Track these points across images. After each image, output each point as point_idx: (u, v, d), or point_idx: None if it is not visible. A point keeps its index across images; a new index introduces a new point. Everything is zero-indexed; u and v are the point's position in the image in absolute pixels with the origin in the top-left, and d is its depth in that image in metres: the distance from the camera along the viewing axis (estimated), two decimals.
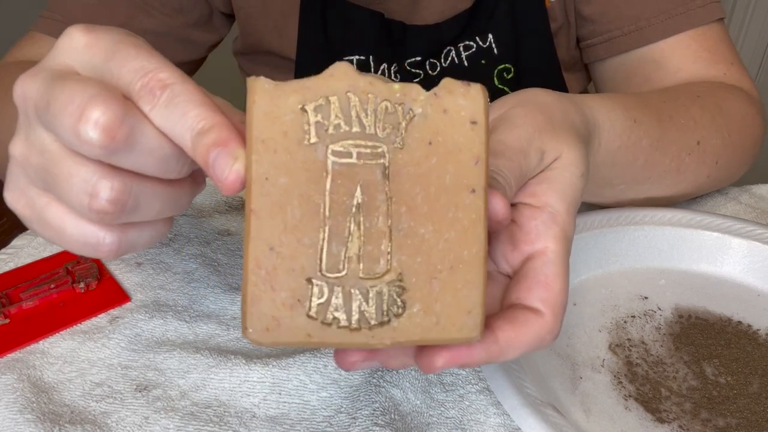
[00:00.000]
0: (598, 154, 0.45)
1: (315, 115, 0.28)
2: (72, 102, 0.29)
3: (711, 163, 0.57)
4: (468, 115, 0.29)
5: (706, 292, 0.52)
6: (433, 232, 0.29)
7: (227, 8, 0.74)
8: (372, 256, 0.29)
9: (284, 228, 0.28)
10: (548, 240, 0.34)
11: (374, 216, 0.29)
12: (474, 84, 0.29)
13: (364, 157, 0.28)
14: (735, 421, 0.42)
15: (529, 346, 0.33)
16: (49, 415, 0.40)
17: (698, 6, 0.63)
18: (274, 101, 0.28)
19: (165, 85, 0.29)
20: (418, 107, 0.28)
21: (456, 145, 0.29)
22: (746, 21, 1.83)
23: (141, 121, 0.30)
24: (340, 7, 0.68)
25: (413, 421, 0.41)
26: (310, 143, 0.28)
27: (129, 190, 0.31)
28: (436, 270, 0.29)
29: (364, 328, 0.29)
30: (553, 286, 0.34)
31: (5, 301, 0.47)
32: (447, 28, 0.69)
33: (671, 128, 0.53)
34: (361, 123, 0.28)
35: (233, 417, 0.40)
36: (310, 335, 0.28)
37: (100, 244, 0.32)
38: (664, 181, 0.55)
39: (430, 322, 0.29)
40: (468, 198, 0.29)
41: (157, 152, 0.30)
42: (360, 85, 0.28)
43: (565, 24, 0.70)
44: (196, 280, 0.51)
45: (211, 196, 0.61)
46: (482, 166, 0.29)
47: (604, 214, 0.55)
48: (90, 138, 0.28)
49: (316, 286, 0.28)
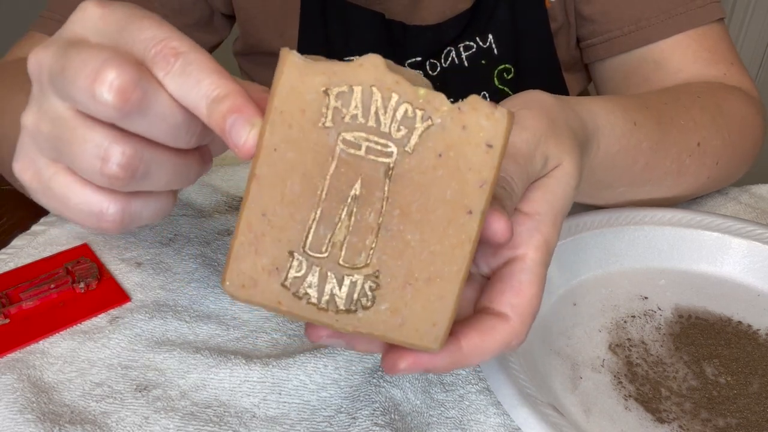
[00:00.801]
0: (597, 157, 0.45)
1: (336, 100, 0.28)
2: (87, 65, 0.29)
3: (711, 165, 0.57)
4: (486, 137, 0.28)
5: (706, 292, 0.52)
6: (420, 241, 0.29)
7: (227, 9, 0.74)
8: (355, 247, 0.29)
9: (281, 200, 0.29)
10: (529, 247, 0.35)
11: (367, 210, 0.29)
12: (501, 108, 0.28)
13: (372, 152, 0.29)
14: (735, 421, 0.42)
15: (495, 351, 0.33)
16: (49, 415, 0.40)
17: (698, 6, 0.63)
18: (300, 77, 0.28)
19: (178, 53, 0.30)
20: (438, 117, 0.28)
21: (466, 164, 0.29)
22: (746, 21, 1.83)
23: (155, 86, 0.30)
24: (340, 7, 0.68)
25: (413, 421, 0.41)
26: (324, 126, 0.28)
27: (140, 156, 0.31)
28: (413, 277, 0.30)
29: (331, 310, 0.30)
30: (526, 292, 0.34)
31: (5, 301, 0.47)
32: (447, 28, 0.69)
33: (671, 130, 0.53)
34: (378, 119, 0.28)
35: (233, 417, 0.40)
36: (280, 302, 0.30)
37: (104, 213, 0.33)
38: (664, 183, 0.55)
39: (394, 322, 0.30)
40: (463, 218, 0.29)
41: (169, 119, 0.31)
42: (386, 81, 0.28)
43: (565, 24, 0.70)
44: (196, 280, 0.51)
45: (211, 195, 0.61)
46: (486, 190, 0.29)
47: (604, 214, 0.55)
48: (105, 99, 0.29)
49: (296, 260, 0.29)
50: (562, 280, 0.51)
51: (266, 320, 0.47)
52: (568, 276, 0.52)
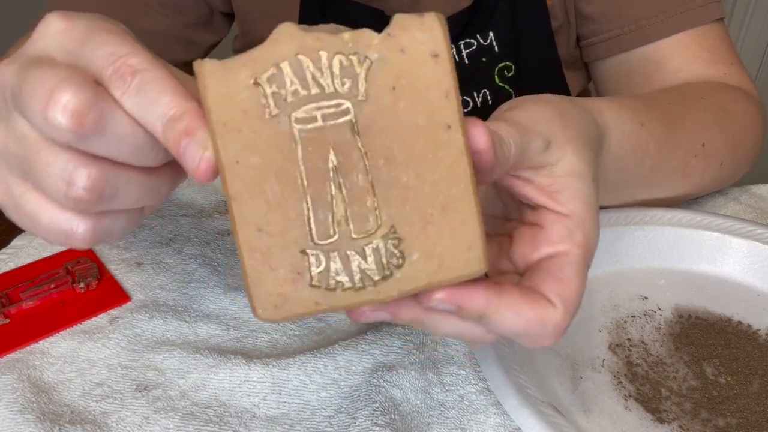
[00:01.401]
0: (608, 158, 0.45)
1: (270, 86, 0.27)
2: (42, 86, 0.28)
3: (716, 165, 0.57)
4: (428, 49, 0.27)
5: (706, 292, 0.52)
6: (416, 177, 0.28)
7: (227, 7, 0.74)
8: (360, 215, 0.28)
9: (267, 207, 0.28)
10: (572, 244, 0.34)
11: (353, 175, 0.28)
12: (429, 13, 0.27)
13: (329, 117, 0.27)
14: (735, 421, 0.42)
15: (530, 323, 0.32)
16: (49, 415, 0.40)
17: (698, 5, 0.63)
18: (225, 81, 0.27)
19: (136, 71, 0.29)
20: (374, 53, 0.27)
21: (422, 83, 0.27)
22: (746, 21, 1.83)
23: (111, 106, 0.29)
24: (340, 5, 0.68)
25: (413, 421, 0.41)
26: (272, 116, 0.27)
27: (106, 178, 0.30)
28: (428, 214, 0.28)
29: (369, 285, 0.29)
30: (570, 284, 0.33)
31: (5, 301, 0.47)
32: (448, 25, 0.69)
33: (678, 131, 0.53)
34: (319, 83, 0.27)
35: (233, 417, 0.40)
36: (318, 303, 0.29)
37: (74, 232, 0.32)
38: (670, 183, 0.55)
39: (432, 266, 0.29)
40: (445, 135, 0.28)
41: (129, 139, 0.30)
42: (308, 43, 0.27)
43: (566, 22, 0.70)
44: (196, 280, 0.51)
45: (211, 195, 0.61)
46: (453, 98, 0.28)
47: (604, 213, 0.55)
48: (59, 123, 0.28)
49: (312, 256, 0.28)
50: None
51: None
52: None
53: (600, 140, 0.42)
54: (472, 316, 0.31)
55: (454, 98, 0.28)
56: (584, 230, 0.34)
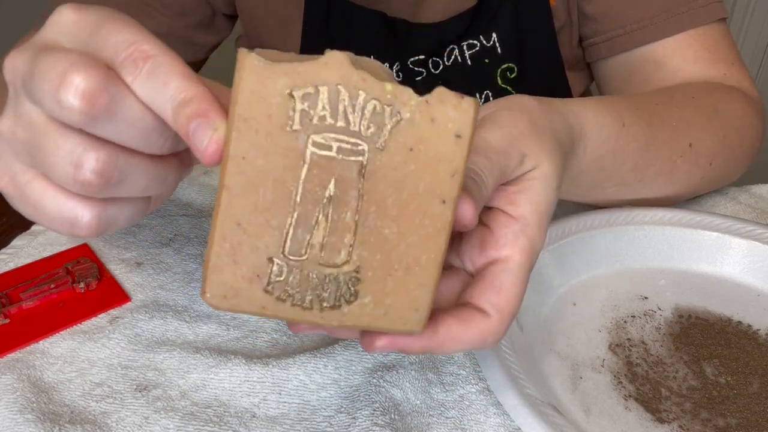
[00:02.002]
0: (584, 160, 0.46)
1: (302, 102, 0.28)
2: (54, 69, 0.29)
3: (705, 165, 0.57)
4: (454, 128, 0.29)
5: (706, 292, 0.52)
6: (397, 234, 0.29)
7: (229, 9, 0.74)
8: (334, 247, 0.29)
9: (254, 208, 0.28)
10: (514, 250, 0.35)
11: (343, 210, 0.29)
12: (468, 98, 0.29)
13: (343, 152, 0.28)
14: (735, 421, 0.42)
15: (470, 344, 0.34)
16: (49, 415, 0.40)
17: (700, 5, 0.63)
18: (262, 81, 0.27)
19: (148, 56, 0.30)
20: (407, 112, 0.28)
21: (437, 156, 0.29)
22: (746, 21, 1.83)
23: (123, 90, 0.30)
24: (343, 6, 0.69)
25: (413, 421, 0.41)
26: (293, 130, 0.28)
27: (114, 162, 0.30)
28: (393, 269, 0.30)
29: (316, 308, 0.30)
30: (507, 293, 0.34)
31: (5, 301, 0.47)
32: (450, 26, 0.69)
33: (662, 131, 0.53)
34: (347, 118, 0.28)
35: (233, 417, 0.40)
36: (264, 307, 0.30)
37: (78, 220, 0.32)
38: (655, 184, 0.55)
39: (378, 313, 0.30)
40: (437, 208, 0.29)
41: (139, 123, 0.30)
42: (352, 79, 0.28)
43: (568, 23, 0.70)
44: (196, 280, 0.51)
45: (211, 196, 0.61)
46: (458, 179, 0.29)
47: (604, 214, 0.55)
48: (70, 104, 0.28)
49: (276, 266, 0.29)
50: (562, 280, 0.51)
51: (266, 320, 0.47)
52: (568, 276, 0.52)
53: (572, 145, 0.43)
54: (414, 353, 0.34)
55: (459, 179, 0.29)
56: (529, 235, 0.35)
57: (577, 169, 0.45)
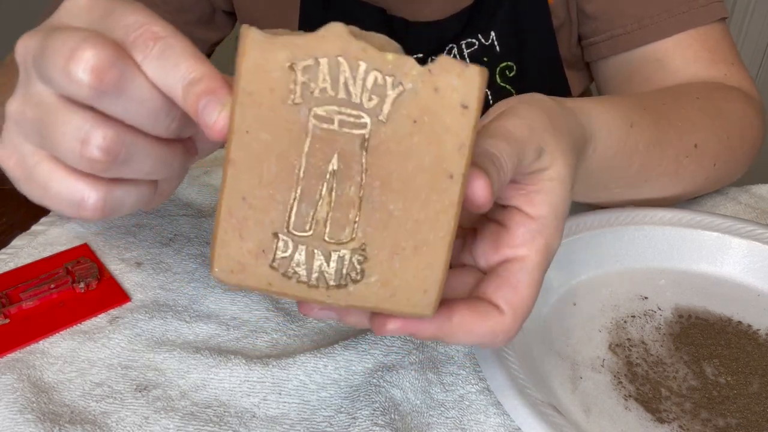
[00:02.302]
0: (593, 160, 0.46)
1: (303, 75, 0.27)
2: (65, 44, 0.29)
3: (709, 166, 0.57)
4: (459, 98, 0.28)
5: (706, 292, 0.52)
6: (403, 210, 0.29)
7: (228, 6, 0.74)
8: (339, 223, 0.29)
9: (259, 182, 0.28)
10: (532, 249, 0.35)
11: (347, 185, 0.29)
12: (473, 65, 0.28)
13: (345, 125, 0.28)
14: (735, 421, 0.42)
15: (481, 337, 0.34)
16: (49, 415, 0.40)
17: (701, 5, 0.63)
18: (263, 54, 0.27)
19: (158, 37, 0.30)
20: (409, 82, 0.28)
21: (442, 127, 0.28)
22: (746, 21, 1.83)
23: (132, 67, 0.30)
24: (342, 3, 0.69)
25: (413, 421, 0.41)
26: (295, 103, 0.28)
27: (121, 140, 0.31)
28: (400, 247, 0.29)
29: (322, 287, 0.30)
30: (522, 291, 0.34)
31: (5, 301, 0.47)
32: (449, 25, 0.69)
33: (669, 131, 0.53)
34: (348, 90, 0.28)
35: (233, 417, 0.40)
36: (270, 284, 0.30)
37: (85, 201, 0.32)
38: (661, 184, 0.55)
39: (385, 293, 0.30)
40: (445, 183, 0.28)
41: (147, 102, 0.31)
42: (352, 50, 0.27)
43: (567, 21, 0.70)
44: (196, 280, 0.51)
45: (211, 195, 0.61)
46: (465, 152, 0.28)
47: (604, 214, 0.55)
48: (80, 78, 0.29)
49: (282, 241, 0.29)
50: (562, 280, 0.51)
51: (266, 320, 0.47)
52: (568, 276, 0.52)
53: (584, 144, 0.43)
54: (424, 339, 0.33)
55: (466, 151, 0.28)
56: (546, 236, 0.35)
57: (586, 169, 0.45)
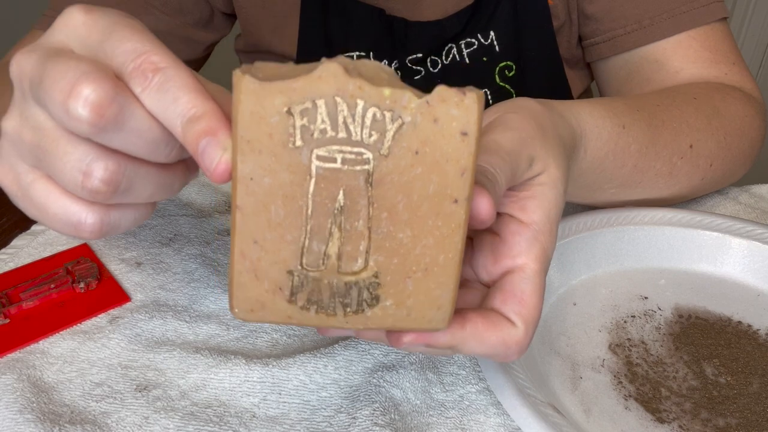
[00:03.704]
0: (584, 161, 0.46)
1: (301, 118, 0.28)
2: (64, 78, 0.29)
3: (705, 166, 0.57)
4: (459, 126, 0.28)
5: (706, 292, 0.52)
6: (412, 237, 0.29)
7: (228, 8, 0.74)
8: (350, 255, 0.30)
9: (268, 225, 0.29)
10: (529, 258, 0.35)
11: (355, 219, 0.29)
12: (470, 93, 0.28)
13: (348, 162, 0.28)
14: (735, 421, 0.42)
15: (494, 347, 0.34)
16: (49, 415, 0.40)
17: (701, 5, 0.63)
18: (259, 101, 0.27)
19: (158, 69, 0.30)
20: (408, 115, 0.28)
21: (443, 156, 0.28)
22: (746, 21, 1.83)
23: (131, 101, 0.30)
24: (341, 3, 0.69)
25: (413, 421, 0.41)
26: (295, 146, 0.28)
27: (123, 171, 0.31)
28: (411, 271, 0.30)
29: (340, 314, 0.30)
30: (528, 301, 0.34)
31: (5, 301, 0.47)
32: (449, 24, 0.69)
33: (663, 132, 0.53)
34: (348, 129, 0.28)
35: (233, 417, 0.40)
36: (290, 317, 0.30)
37: (82, 223, 0.32)
38: (656, 185, 0.55)
39: (401, 314, 0.31)
40: (450, 208, 0.29)
41: (146, 134, 0.30)
42: (348, 89, 0.27)
43: (567, 22, 0.70)
44: (196, 280, 0.51)
45: (211, 196, 0.61)
46: (468, 177, 0.29)
47: (604, 214, 0.55)
48: (79, 114, 0.29)
49: (297, 277, 0.30)
50: (562, 280, 0.51)
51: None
52: (568, 276, 0.52)
53: (574, 147, 0.43)
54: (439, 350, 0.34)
55: (469, 176, 0.29)
56: (541, 241, 0.35)
57: (577, 171, 0.46)
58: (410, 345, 0.33)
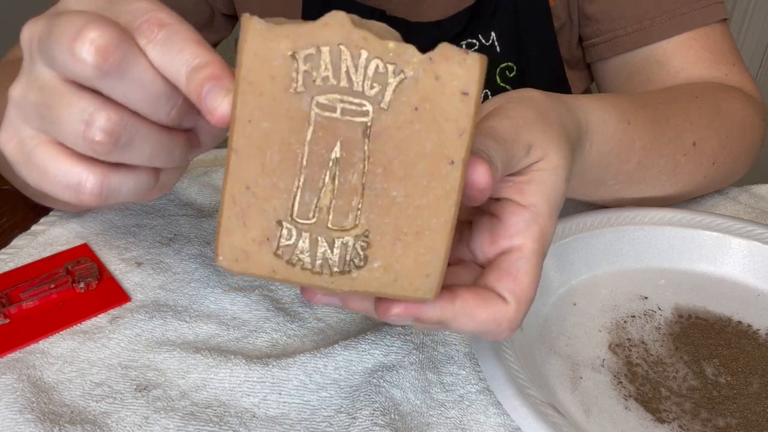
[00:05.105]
0: (590, 155, 0.46)
1: (304, 63, 0.28)
2: (71, 25, 0.30)
3: (708, 165, 0.57)
4: (460, 86, 0.28)
5: (706, 292, 0.52)
6: (405, 196, 0.29)
7: (228, 9, 0.74)
8: (342, 210, 0.29)
9: (261, 170, 0.29)
10: (527, 238, 0.35)
11: (349, 172, 0.29)
12: (474, 53, 0.28)
13: (347, 113, 0.28)
14: (735, 421, 0.42)
15: (484, 324, 0.33)
16: (49, 415, 0.40)
17: (702, 6, 0.63)
18: (265, 43, 0.27)
19: (164, 24, 0.31)
20: (410, 70, 0.28)
21: (442, 114, 0.28)
22: (746, 21, 1.83)
23: (136, 51, 0.30)
24: (342, 4, 0.69)
25: (413, 421, 0.41)
26: (296, 92, 0.28)
27: (124, 123, 0.31)
28: (402, 233, 0.30)
29: (326, 273, 0.30)
30: (523, 280, 0.34)
31: (5, 301, 0.47)
32: (449, 25, 0.69)
33: (666, 129, 0.53)
34: (350, 78, 0.28)
35: (233, 417, 0.40)
36: (275, 271, 0.30)
37: (82, 185, 0.33)
38: (659, 182, 0.55)
39: (388, 278, 0.30)
40: (445, 169, 0.29)
41: (148, 86, 0.31)
42: (354, 38, 0.27)
43: (568, 23, 0.70)
44: (196, 280, 0.51)
45: (211, 195, 0.61)
46: (466, 138, 0.28)
47: (604, 214, 0.55)
48: (84, 57, 0.29)
49: (285, 229, 0.29)
50: (562, 280, 0.51)
51: (266, 320, 0.47)
52: (568, 276, 0.52)
53: (580, 139, 0.43)
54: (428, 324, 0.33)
55: (467, 138, 0.28)
56: (540, 223, 0.35)
57: (582, 165, 0.45)
58: (399, 316, 0.32)
